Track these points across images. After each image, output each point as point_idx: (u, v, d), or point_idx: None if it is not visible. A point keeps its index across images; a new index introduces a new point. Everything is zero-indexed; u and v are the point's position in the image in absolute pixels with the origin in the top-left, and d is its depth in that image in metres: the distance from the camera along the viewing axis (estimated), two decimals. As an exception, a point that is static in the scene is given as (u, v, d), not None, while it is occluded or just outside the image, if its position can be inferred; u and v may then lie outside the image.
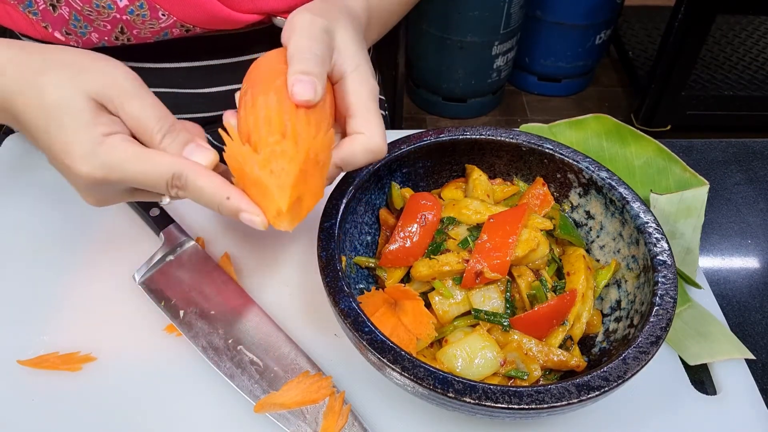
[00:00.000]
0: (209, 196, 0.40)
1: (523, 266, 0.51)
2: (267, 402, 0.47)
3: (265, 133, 0.40)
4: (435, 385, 0.40)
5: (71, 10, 0.51)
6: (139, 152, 0.40)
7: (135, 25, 0.53)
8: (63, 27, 0.53)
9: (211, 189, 0.40)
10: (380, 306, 0.49)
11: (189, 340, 0.51)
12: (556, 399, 0.40)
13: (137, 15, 0.52)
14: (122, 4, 0.51)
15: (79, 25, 0.53)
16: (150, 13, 0.52)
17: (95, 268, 0.58)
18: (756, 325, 0.59)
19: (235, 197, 0.40)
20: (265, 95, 0.41)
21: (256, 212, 0.40)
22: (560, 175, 0.57)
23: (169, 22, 0.54)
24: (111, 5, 0.51)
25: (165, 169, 0.40)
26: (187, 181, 0.40)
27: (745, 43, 2.36)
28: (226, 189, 0.40)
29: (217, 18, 0.55)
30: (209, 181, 0.40)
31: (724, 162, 0.76)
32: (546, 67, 2.29)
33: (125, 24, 0.53)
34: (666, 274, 0.47)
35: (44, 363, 0.50)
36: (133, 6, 0.51)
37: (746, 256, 0.66)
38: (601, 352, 0.50)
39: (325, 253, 0.48)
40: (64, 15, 0.52)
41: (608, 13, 2.11)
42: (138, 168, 0.39)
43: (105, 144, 0.39)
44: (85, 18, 0.52)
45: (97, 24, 0.53)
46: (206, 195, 0.40)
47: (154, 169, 0.40)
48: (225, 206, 0.40)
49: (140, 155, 0.40)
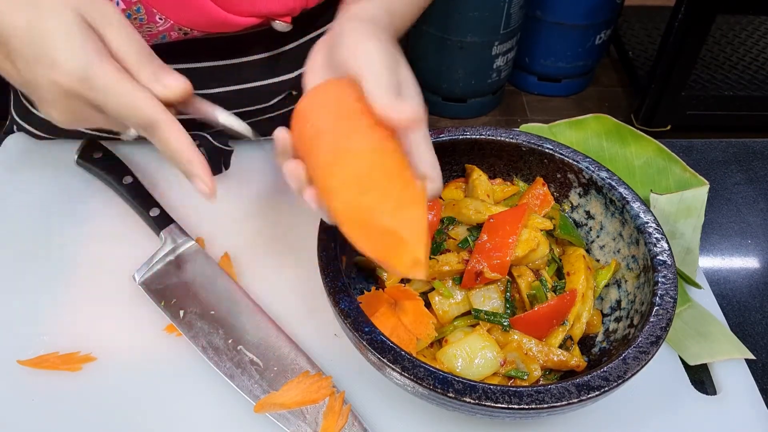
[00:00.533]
0: (173, 153, 0.42)
1: (523, 266, 0.51)
2: (267, 402, 0.47)
3: (381, 178, 0.38)
4: (435, 385, 0.40)
5: None
6: (124, 85, 0.40)
7: None
8: None
9: (178, 147, 0.42)
10: (380, 306, 0.49)
11: (189, 340, 0.51)
12: (556, 399, 0.40)
13: (134, 19, 0.52)
14: (119, 9, 0.51)
15: None
16: (147, 17, 0.52)
17: (95, 268, 0.58)
18: (756, 325, 0.59)
19: (196, 162, 0.42)
20: (359, 137, 0.39)
21: (209, 184, 0.42)
22: (560, 175, 0.57)
23: (167, 26, 0.54)
24: None
25: (144, 112, 0.40)
26: (158, 132, 0.41)
27: (745, 43, 2.36)
28: (191, 153, 0.42)
29: (214, 21, 0.55)
30: (179, 139, 0.41)
31: (724, 162, 0.76)
32: (546, 67, 2.29)
33: None
34: (666, 274, 0.47)
35: (44, 363, 0.50)
36: (130, 10, 0.51)
37: (746, 256, 0.66)
38: (601, 352, 0.50)
39: (325, 253, 0.48)
40: None
41: (608, 13, 2.11)
42: (119, 100, 0.40)
43: (97, 65, 0.39)
44: None
45: None
46: (171, 150, 0.42)
47: (134, 108, 0.40)
48: (184, 166, 0.42)
49: (124, 88, 0.40)
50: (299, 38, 0.67)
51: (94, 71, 0.39)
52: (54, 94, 0.41)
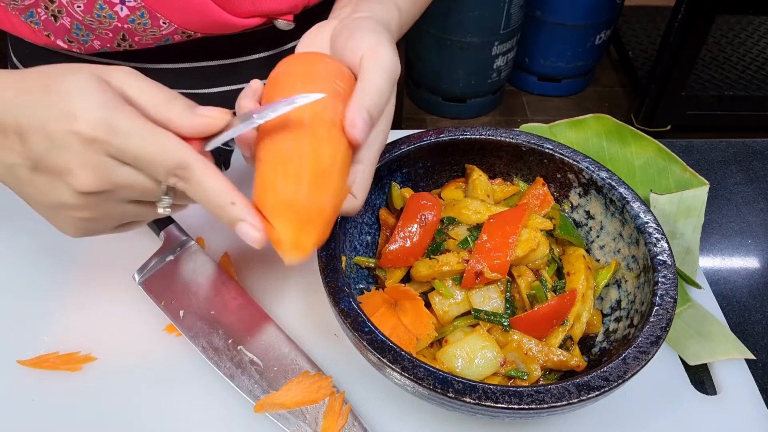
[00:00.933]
0: (212, 198, 0.38)
1: (523, 266, 0.51)
2: (267, 402, 0.47)
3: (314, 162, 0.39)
4: (435, 385, 0.40)
5: (72, 20, 0.51)
6: (149, 127, 0.37)
7: (136, 32, 0.53)
8: (65, 35, 0.54)
9: (216, 189, 0.37)
10: (380, 306, 0.49)
11: (189, 340, 0.51)
12: (556, 399, 0.40)
13: (138, 23, 0.52)
14: (123, 14, 0.51)
15: (81, 33, 0.53)
16: (151, 22, 0.52)
17: (95, 268, 0.58)
18: (756, 325, 0.59)
19: (240, 204, 0.38)
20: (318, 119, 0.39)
21: (258, 227, 0.38)
22: (560, 175, 0.57)
23: (171, 29, 0.54)
24: (112, 15, 0.51)
25: (171, 154, 0.36)
26: (192, 175, 0.37)
27: (745, 43, 2.36)
28: (233, 194, 0.38)
29: (217, 23, 0.55)
30: (216, 180, 0.37)
31: (724, 162, 0.76)
32: (546, 67, 2.29)
33: (127, 32, 0.53)
34: (666, 274, 0.47)
35: (44, 363, 0.50)
36: (134, 15, 0.51)
37: (746, 256, 0.66)
38: (601, 352, 0.50)
39: (325, 253, 0.48)
40: (65, 24, 0.52)
41: (608, 13, 2.11)
42: (144, 143, 0.36)
43: (117, 108, 0.36)
44: (86, 27, 0.52)
45: (98, 32, 0.53)
46: (209, 195, 0.38)
47: (160, 150, 0.36)
48: (226, 211, 0.38)
49: (149, 130, 0.37)
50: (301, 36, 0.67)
51: (117, 114, 0.36)
52: (73, 154, 0.36)
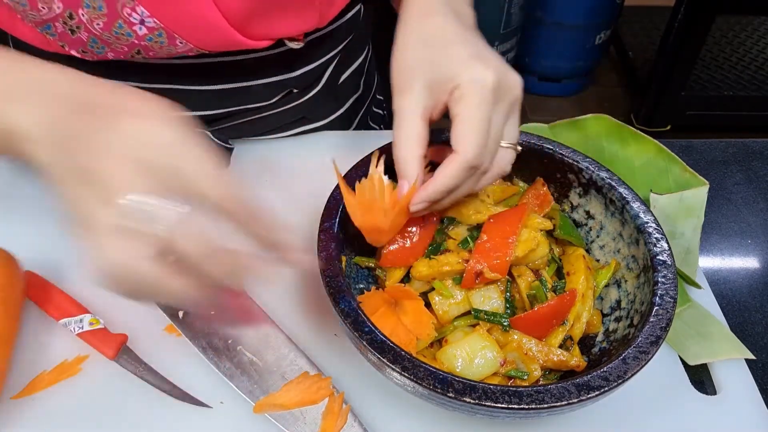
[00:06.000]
0: None
1: (523, 266, 0.51)
2: (266, 402, 0.47)
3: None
4: (435, 385, 0.40)
5: (90, 35, 0.52)
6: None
7: (152, 49, 0.54)
8: (80, 47, 0.54)
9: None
10: (380, 306, 0.49)
11: (189, 340, 0.51)
12: (556, 399, 0.40)
13: (155, 42, 0.53)
14: (141, 33, 0.51)
15: (97, 46, 0.54)
16: (168, 41, 0.53)
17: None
18: (756, 325, 0.59)
19: None
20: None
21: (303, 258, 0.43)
22: (560, 175, 0.57)
23: (186, 48, 0.55)
24: (130, 33, 0.52)
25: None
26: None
27: (745, 43, 2.36)
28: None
29: (231, 43, 0.56)
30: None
31: (724, 162, 0.76)
32: (546, 68, 2.29)
33: (142, 48, 0.54)
34: (666, 274, 0.47)
35: (37, 387, 0.49)
36: (152, 35, 0.52)
37: (746, 256, 0.66)
38: (601, 352, 0.50)
39: (325, 253, 0.48)
40: (82, 38, 0.53)
41: (608, 13, 2.11)
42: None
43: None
44: (103, 41, 0.53)
45: (114, 46, 0.54)
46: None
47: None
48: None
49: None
50: (312, 60, 0.69)
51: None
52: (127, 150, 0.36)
